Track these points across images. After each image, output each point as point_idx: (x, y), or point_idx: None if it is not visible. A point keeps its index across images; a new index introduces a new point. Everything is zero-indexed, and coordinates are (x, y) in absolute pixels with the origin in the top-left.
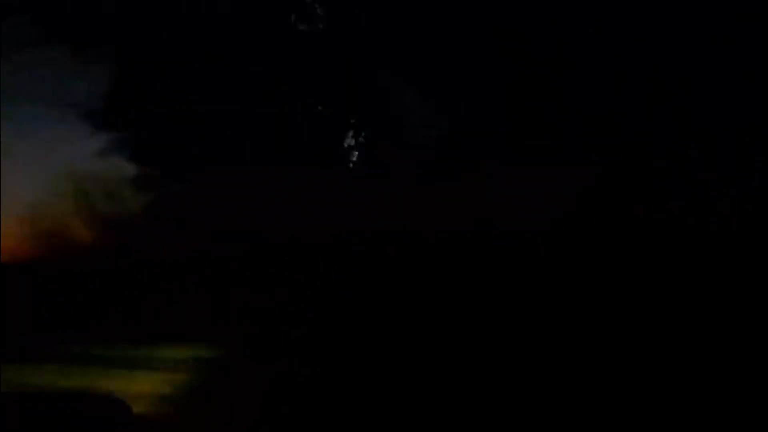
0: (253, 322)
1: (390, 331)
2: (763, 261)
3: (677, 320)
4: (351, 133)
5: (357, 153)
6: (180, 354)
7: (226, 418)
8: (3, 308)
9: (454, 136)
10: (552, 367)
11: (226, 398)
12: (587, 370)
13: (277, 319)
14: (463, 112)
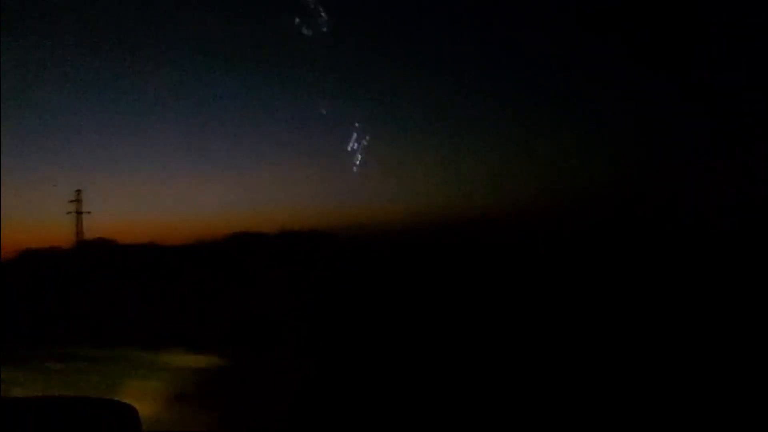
0: (254, 322)
1: (389, 327)
2: (763, 261)
3: (677, 318)
4: (355, 136)
5: (360, 155)
6: (183, 359)
7: (230, 419)
8: (5, 310)
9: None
10: (552, 363)
11: (229, 400)
12: (587, 366)
13: (278, 318)
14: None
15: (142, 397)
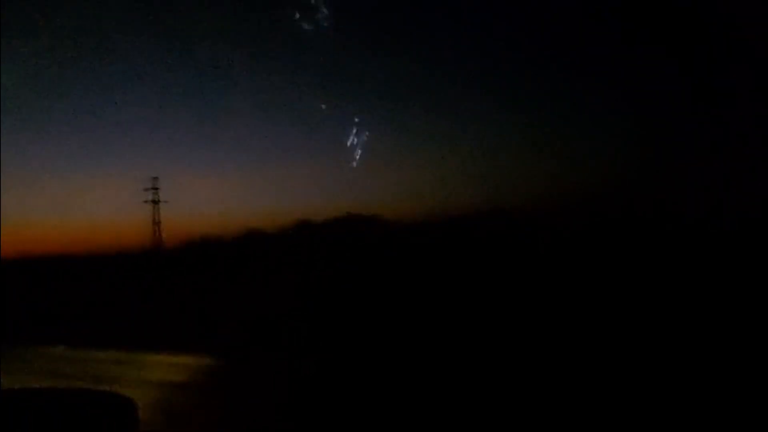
0: (254, 322)
1: (389, 326)
2: (763, 261)
3: (677, 317)
4: (354, 131)
5: (360, 151)
6: (182, 359)
7: (228, 416)
8: (5, 309)
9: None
10: (552, 362)
11: (227, 398)
12: (587, 366)
13: (279, 318)
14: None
15: (143, 395)
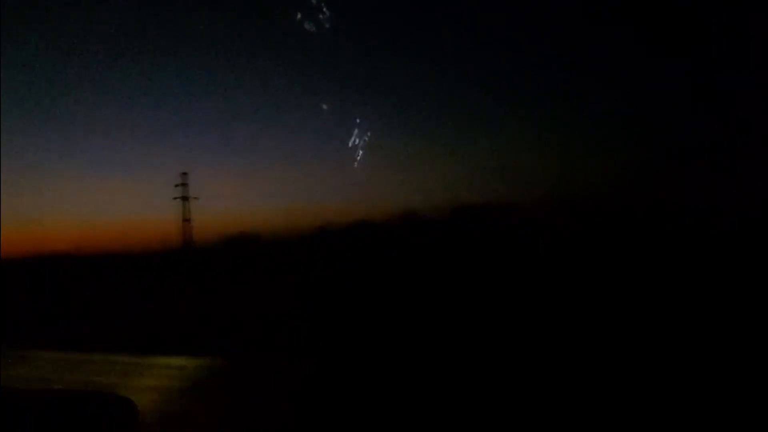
0: (254, 322)
1: (389, 326)
2: (763, 261)
3: (677, 315)
4: (356, 132)
5: (361, 152)
6: (181, 361)
7: (227, 418)
8: (6, 311)
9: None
10: (552, 362)
11: (226, 400)
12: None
13: (279, 319)
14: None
15: (144, 395)
